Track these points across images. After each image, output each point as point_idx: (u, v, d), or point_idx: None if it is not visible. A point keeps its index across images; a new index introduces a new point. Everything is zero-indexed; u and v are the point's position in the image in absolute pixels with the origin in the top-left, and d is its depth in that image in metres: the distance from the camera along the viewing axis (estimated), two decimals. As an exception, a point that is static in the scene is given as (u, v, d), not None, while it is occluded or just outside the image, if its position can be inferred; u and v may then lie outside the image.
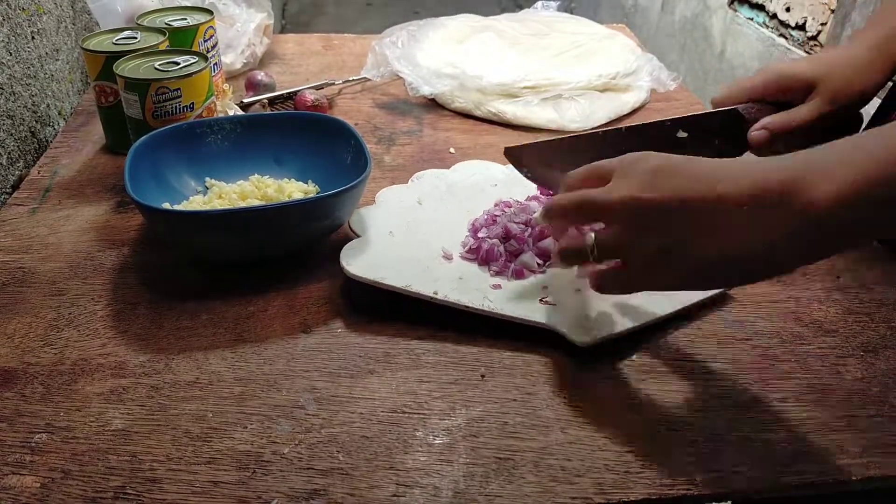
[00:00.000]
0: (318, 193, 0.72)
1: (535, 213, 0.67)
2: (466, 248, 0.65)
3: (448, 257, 0.64)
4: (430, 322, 0.60)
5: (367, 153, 0.67)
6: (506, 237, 0.65)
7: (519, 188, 0.75)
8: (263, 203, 0.69)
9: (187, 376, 0.54)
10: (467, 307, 0.59)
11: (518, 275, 0.63)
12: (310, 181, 0.74)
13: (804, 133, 0.66)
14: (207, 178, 0.73)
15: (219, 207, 0.68)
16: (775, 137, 0.66)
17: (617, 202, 0.48)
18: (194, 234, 0.63)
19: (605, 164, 0.52)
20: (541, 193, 0.71)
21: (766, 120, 0.67)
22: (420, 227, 0.67)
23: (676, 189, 0.46)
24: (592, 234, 0.50)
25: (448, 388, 0.54)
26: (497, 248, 0.64)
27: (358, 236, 0.65)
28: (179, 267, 0.66)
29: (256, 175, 0.74)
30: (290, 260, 0.67)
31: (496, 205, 0.72)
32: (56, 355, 0.56)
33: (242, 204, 0.69)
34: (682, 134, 0.65)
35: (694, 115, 0.66)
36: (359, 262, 0.60)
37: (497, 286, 0.62)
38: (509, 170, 0.80)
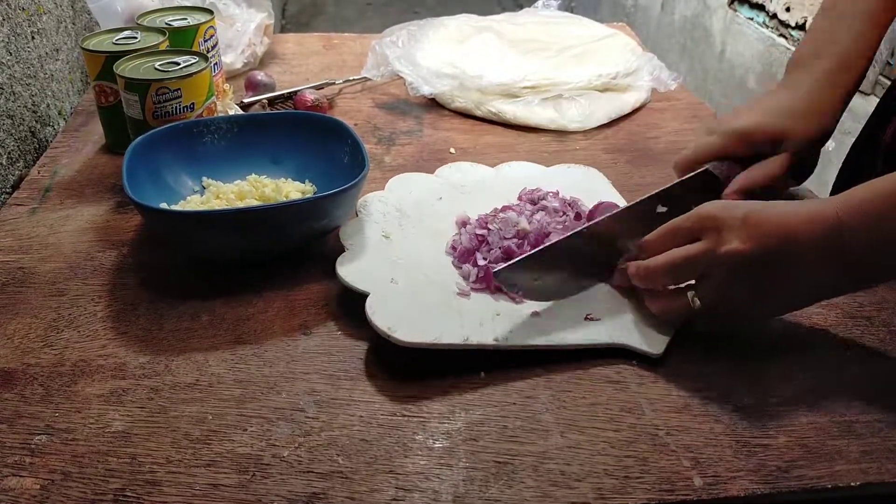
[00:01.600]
0: (315, 193, 0.72)
1: (517, 223, 0.65)
2: (472, 278, 0.63)
3: (465, 294, 0.62)
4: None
5: (365, 152, 0.67)
6: (507, 258, 0.63)
7: (464, 197, 0.75)
8: (262, 203, 0.69)
9: (187, 378, 0.54)
10: (536, 346, 0.57)
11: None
12: (307, 181, 0.74)
13: (773, 182, 0.69)
14: (204, 178, 0.73)
15: (217, 207, 0.68)
16: (748, 195, 0.68)
17: (722, 256, 0.52)
18: (193, 234, 0.63)
19: (680, 223, 0.56)
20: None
21: (740, 181, 0.68)
22: (411, 267, 0.64)
23: (768, 237, 0.51)
24: (691, 292, 0.55)
25: (448, 392, 0.54)
26: None
27: (364, 292, 0.60)
28: (179, 268, 0.66)
29: (254, 175, 0.74)
30: (291, 261, 0.67)
31: (464, 223, 0.69)
32: (56, 356, 0.56)
33: (240, 204, 0.69)
34: (661, 209, 0.64)
35: (669, 186, 0.65)
36: (403, 327, 0.56)
37: (536, 313, 0.60)
38: (443, 179, 0.79)
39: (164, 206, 0.67)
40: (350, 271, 0.62)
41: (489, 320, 0.59)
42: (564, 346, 0.57)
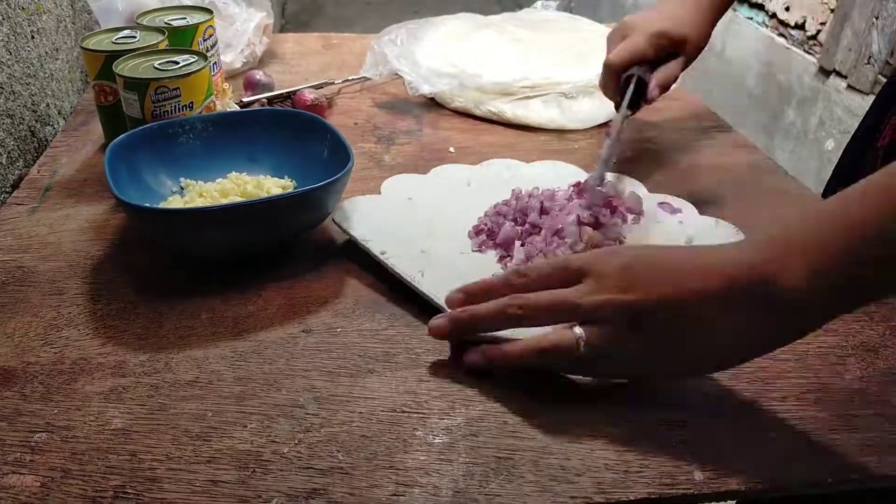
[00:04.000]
0: (295, 188, 0.73)
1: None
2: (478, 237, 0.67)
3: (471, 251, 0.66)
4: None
5: (347, 144, 0.68)
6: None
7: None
8: (253, 198, 0.69)
9: (187, 375, 0.54)
10: (398, 274, 0.61)
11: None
12: (286, 177, 0.74)
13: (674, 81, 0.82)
14: (182, 179, 0.73)
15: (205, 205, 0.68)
16: (663, 92, 0.80)
17: (594, 305, 0.47)
18: (184, 232, 0.63)
19: (573, 260, 0.51)
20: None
21: (658, 80, 0.79)
22: (447, 204, 0.70)
23: (648, 288, 0.46)
24: (579, 330, 0.48)
25: (447, 387, 0.54)
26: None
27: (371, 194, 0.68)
28: (179, 266, 0.66)
29: (234, 172, 0.74)
30: (290, 259, 0.67)
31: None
32: (56, 354, 0.56)
33: (224, 201, 0.69)
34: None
35: (627, 108, 0.78)
36: (355, 217, 0.62)
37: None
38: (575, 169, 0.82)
39: (146, 205, 0.67)
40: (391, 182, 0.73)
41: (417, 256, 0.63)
42: (419, 290, 0.60)
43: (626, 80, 0.79)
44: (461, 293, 0.54)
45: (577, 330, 0.49)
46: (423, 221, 0.69)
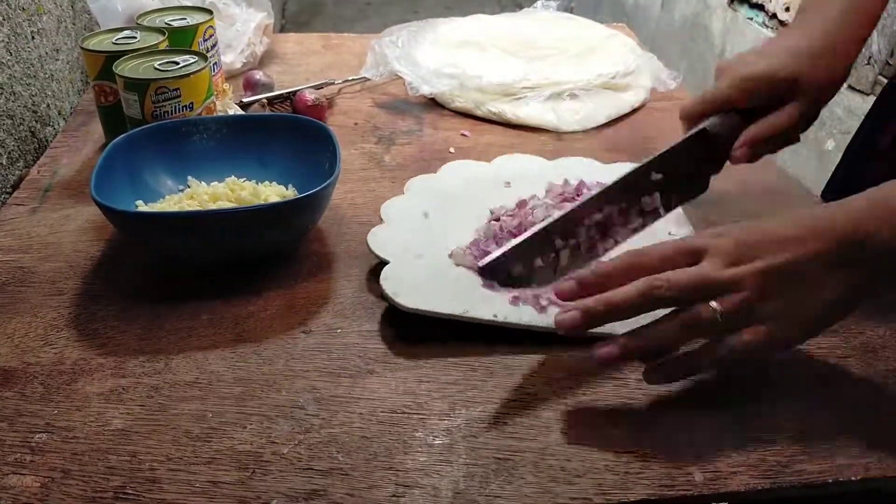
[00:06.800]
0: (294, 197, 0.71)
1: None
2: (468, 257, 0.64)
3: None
4: (430, 323, 0.59)
5: (339, 163, 0.66)
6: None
7: (525, 182, 0.75)
8: (198, 209, 0.68)
9: (187, 376, 0.54)
10: (534, 327, 0.57)
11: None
12: (290, 185, 0.73)
13: (781, 134, 0.65)
14: (190, 178, 0.73)
15: (187, 209, 0.68)
16: (757, 149, 0.65)
17: (729, 277, 0.48)
18: (148, 236, 0.63)
19: (691, 242, 0.51)
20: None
21: (749, 134, 0.64)
22: (437, 243, 0.65)
23: (770, 255, 0.48)
24: (714, 303, 0.48)
25: (448, 389, 0.54)
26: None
27: (386, 261, 0.63)
28: (179, 267, 0.66)
29: (233, 177, 0.73)
30: (290, 260, 0.67)
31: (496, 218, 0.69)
32: (56, 355, 0.56)
33: (212, 206, 0.68)
34: (656, 176, 0.63)
35: (663, 152, 0.63)
36: (407, 294, 0.58)
37: (548, 300, 0.60)
38: (497, 166, 0.80)
39: (139, 203, 0.68)
40: (378, 241, 0.65)
41: (494, 299, 0.59)
42: (549, 328, 0.57)
43: (695, 136, 0.65)
44: (574, 283, 0.51)
45: (713, 303, 0.49)
46: (445, 254, 0.65)
